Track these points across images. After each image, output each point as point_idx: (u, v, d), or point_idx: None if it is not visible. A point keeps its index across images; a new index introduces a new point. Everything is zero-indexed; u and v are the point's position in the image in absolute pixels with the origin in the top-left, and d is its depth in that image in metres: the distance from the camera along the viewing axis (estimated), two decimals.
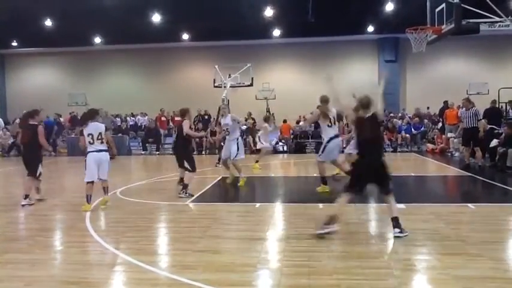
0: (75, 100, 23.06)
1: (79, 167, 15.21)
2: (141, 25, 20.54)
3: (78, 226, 6.38)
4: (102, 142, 7.57)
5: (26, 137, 8.26)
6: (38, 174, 8.16)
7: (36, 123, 8.27)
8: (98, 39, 24.28)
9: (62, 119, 22.75)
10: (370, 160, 5.50)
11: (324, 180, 8.74)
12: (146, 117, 23.37)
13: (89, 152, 7.55)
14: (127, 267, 4.64)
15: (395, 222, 5.40)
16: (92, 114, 7.75)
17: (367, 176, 5.50)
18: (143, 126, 22.59)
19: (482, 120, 12.65)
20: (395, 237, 5.33)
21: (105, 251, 5.19)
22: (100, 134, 7.56)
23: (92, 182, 7.55)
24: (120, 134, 20.53)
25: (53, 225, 6.81)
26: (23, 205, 7.87)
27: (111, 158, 7.86)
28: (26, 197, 7.99)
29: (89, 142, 7.53)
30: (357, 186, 5.54)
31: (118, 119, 23.27)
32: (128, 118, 23.81)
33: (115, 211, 7.59)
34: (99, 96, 24.14)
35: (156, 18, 20.12)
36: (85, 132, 7.59)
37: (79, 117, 21.23)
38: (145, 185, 10.50)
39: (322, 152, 8.69)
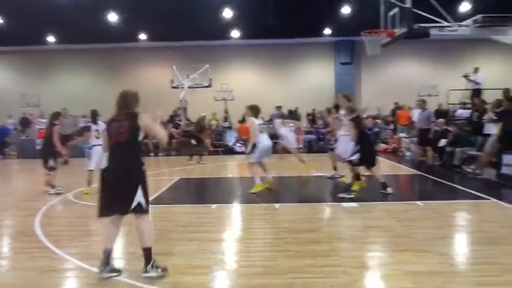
0: (26, 101, 22.21)
1: (28, 169, 14.76)
2: (96, 24, 19.99)
3: (27, 231, 6.15)
4: None
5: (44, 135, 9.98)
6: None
7: (57, 123, 9.50)
8: (51, 38, 23.46)
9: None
10: None
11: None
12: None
13: (94, 145, 9.00)
14: (79, 273, 4.53)
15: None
16: (95, 114, 9.26)
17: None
18: None
19: (441, 119, 13.29)
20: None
21: (56, 256, 5.03)
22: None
23: (92, 170, 8.88)
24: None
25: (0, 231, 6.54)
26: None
27: None
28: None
29: (95, 137, 8.96)
30: None
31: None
32: (81, 119, 23.11)
33: (67, 215, 7.39)
34: (53, 97, 23.29)
35: (113, 17, 19.67)
36: (93, 128, 9.12)
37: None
38: None
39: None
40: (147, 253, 4.30)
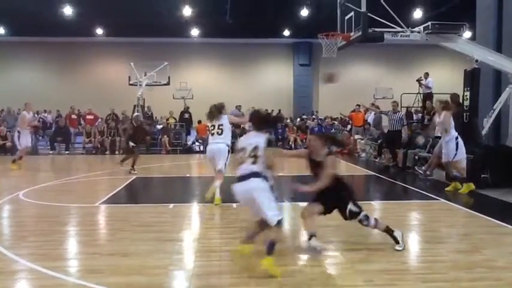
0: None
1: None
2: (51, 17, 19.31)
3: None
4: None
5: None
6: None
7: None
8: (1, 30, 22.48)
9: None
10: None
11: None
12: (49, 115, 22.07)
13: None
14: (28, 274, 4.37)
15: None
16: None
17: None
18: (49, 124, 21.29)
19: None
20: None
21: (3, 257, 4.83)
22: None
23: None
24: None
25: None
26: None
27: None
28: None
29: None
30: None
31: None
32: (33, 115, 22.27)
33: (16, 214, 7.11)
34: (3, 92, 22.40)
35: (68, 10, 19.06)
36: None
37: None
38: (53, 186, 9.92)
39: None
40: None
